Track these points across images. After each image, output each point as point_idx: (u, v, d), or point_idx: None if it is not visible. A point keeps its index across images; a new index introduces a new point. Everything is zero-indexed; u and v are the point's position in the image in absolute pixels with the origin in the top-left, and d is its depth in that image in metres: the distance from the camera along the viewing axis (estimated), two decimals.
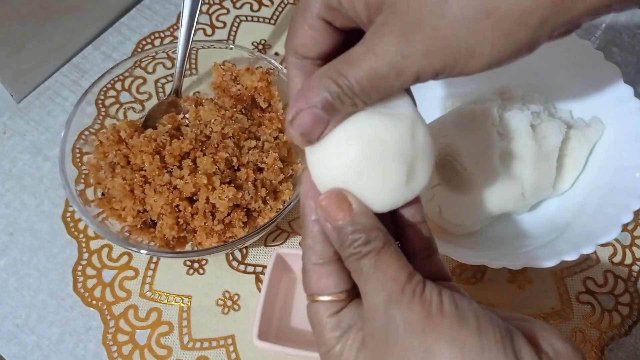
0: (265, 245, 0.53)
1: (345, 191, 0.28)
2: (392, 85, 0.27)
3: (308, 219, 0.29)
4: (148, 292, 0.51)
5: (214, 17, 0.67)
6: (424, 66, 0.26)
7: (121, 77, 0.54)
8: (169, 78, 0.57)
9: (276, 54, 0.64)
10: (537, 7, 0.24)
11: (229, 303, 0.51)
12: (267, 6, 0.68)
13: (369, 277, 0.27)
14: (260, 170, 0.50)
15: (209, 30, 0.66)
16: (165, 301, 0.51)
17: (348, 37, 0.30)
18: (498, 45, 0.25)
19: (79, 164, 0.50)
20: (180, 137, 0.50)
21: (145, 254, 0.47)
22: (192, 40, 0.53)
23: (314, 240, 0.29)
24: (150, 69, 0.56)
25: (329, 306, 0.29)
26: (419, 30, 0.25)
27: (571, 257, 0.42)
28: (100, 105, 0.54)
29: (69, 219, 0.55)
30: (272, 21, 0.67)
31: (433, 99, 0.54)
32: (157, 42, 0.65)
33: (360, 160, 0.28)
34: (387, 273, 0.27)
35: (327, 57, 0.30)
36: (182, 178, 0.47)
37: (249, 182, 0.48)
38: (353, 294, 0.29)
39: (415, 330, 0.25)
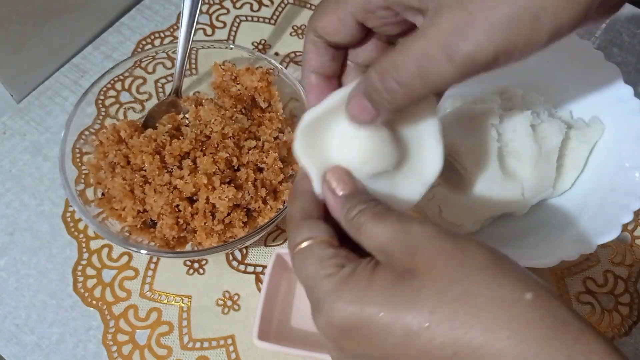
0: (265, 245, 0.53)
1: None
2: (442, 70, 0.26)
3: (299, 182, 0.32)
4: (148, 292, 0.51)
5: (214, 17, 0.67)
6: (481, 45, 0.25)
7: (121, 77, 0.54)
8: (169, 78, 0.57)
9: (276, 54, 0.64)
10: None
11: (229, 303, 0.51)
12: (267, 6, 0.68)
13: (397, 218, 0.27)
14: (260, 170, 0.50)
15: (209, 30, 0.66)
16: (165, 301, 0.51)
17: (370, 34, 0.32)
18: (561, 7, 0.25)
19: (79, 164, 0.50)
20: (180, 137, 0.50)
21: (145, 254, 0.47)
22: (192, 40, 0.53)
23: (301, 201, 0.31)
24: (150, 69, 0.56)
25: (324, 244, 0.29)
26: (475, 7, 0.25)
27: (571, 257, 0.42)
28: (100, 105, 0.54)
29: (69, 219, 0.55)
30: (272, 21, 0.67)
31: None
32: (157, 42, 0.65)
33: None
34: (414, 217, 0.28)
35: (344, 46, 0.32)
36: (182, 178, 0.47)
37: (249, 182, 0.48)
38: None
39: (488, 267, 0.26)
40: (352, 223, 0.29)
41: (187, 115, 0.53)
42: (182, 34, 0.53)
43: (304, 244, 0.29)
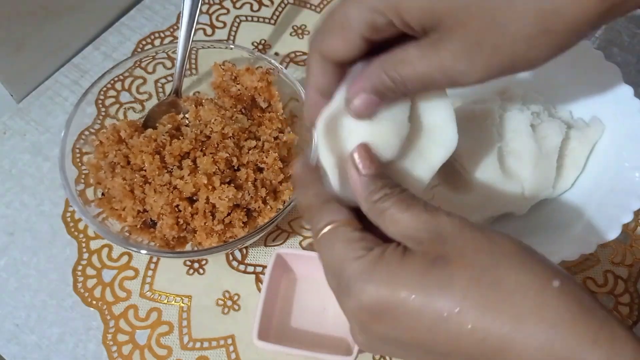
0: (265, 245, 0.53)
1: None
2: (442, 87, 0.30)
3: (304, 173, 0.32)
4: (148, 292, 0.51)
5: (214, 17, 0.67)
6: (480, 77, 0.29)
7: (121, 77, 0.54)
8: (169, 78, 0.57)
9: (276, 54, 0.64)
10: (589, 17, 0.27)
11: (229, 303, 0.51)
12: (267, 6, 0.68)
13: (424, 207, 0.28)
14: (260, 170, 0.50)
15: (209, 30, 0.66)
16: (165, 301, 0.51)
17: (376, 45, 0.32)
18: (551, 52, 0.29)
19: (79, 164, 0.50)
20: (180, 137, 0.50)
21: (145, 254, 0.47)
22: (192, 40, 0.53)
23: (316, 188, 0.31)
24: (150, 69, 0.56)
25: (349, 227, 0.29)
26: (478, 50, 0.28)
27: (571, 257, 0.42)
28: (100, 105, 0.54)
29: (69, 219, 0.55)
30: (272, 21, 0.67)
31: None
32: (157, 42, 0.65)
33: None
34: (439, 207, 0.29)
35: (352, 61, 0.32)
36: (182, 178, 0.47)
37: (249, 182, 0.48)
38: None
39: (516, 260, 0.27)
40: (375, 206, 0.29)
41: (187, 115, 0.53)
42: (182, 34, 0.53)
43: (328, 228, 0.29)
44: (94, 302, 0.51)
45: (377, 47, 0.32)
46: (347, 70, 0.33)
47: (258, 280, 0.52)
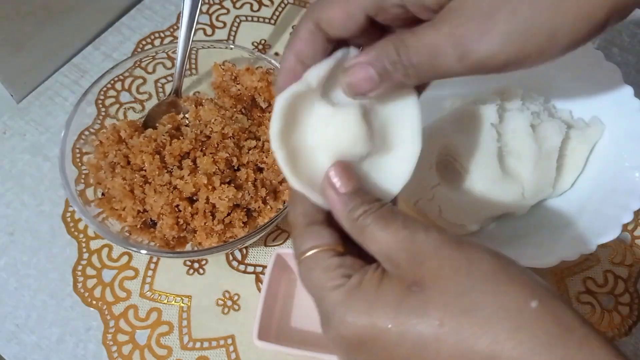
0: (265, 245, 0.53)
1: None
2: (451, 67, 0.27)
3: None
4: (148, 292, 0.51)
5: (214, 17, 0.67)
6: (493, 52, 0.26)
7: (121, 77, 0.54)
8: (169, 78, 0.57)
9: (276, 54, 0.64)
10: None
11: (229, 303, 0.51)
12: (267, 6, 0.68)
13: (402, 224, 0.27)
14: (260, 170, 0.50)
15: (209, 30, 0.66)
16: (165, 301, 0.51)
17: (372, 27, 0.31)
18: (578, 26, 0.26)
19: (79, 164, 0.50)
20: (180, 137, 0.50)
21: (145, 254, 0.47)
22: (192, 40, 0.53)
23: (304, 206, 0.30)
24: (150, 69, 0.56)
25: (329, 252, 0.29)
26: (494, 14, 0.26)
27: (571, 257, 0.42)
28: (100, 105, 0.54)
29: (69, 219, 0.55)
30: (272, 21, 0.67)
31: (433, 99, 0.53)
32: (157, 42, 0.65)
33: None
34: (418, 222, 0.27)
35: (343, 39, 0.31)
36: (182, 178, 0.47)
37: (249, 182, 0.48)
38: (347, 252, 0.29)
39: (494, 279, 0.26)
40: (356, 225, 0.28)
41: (187, 115, 0.53)
42: (182, 34, 0.53)
43: (309, 253, 0.29)
44: (94, 302, 0.51)
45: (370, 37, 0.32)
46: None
47: (258, 280, 0.52)
